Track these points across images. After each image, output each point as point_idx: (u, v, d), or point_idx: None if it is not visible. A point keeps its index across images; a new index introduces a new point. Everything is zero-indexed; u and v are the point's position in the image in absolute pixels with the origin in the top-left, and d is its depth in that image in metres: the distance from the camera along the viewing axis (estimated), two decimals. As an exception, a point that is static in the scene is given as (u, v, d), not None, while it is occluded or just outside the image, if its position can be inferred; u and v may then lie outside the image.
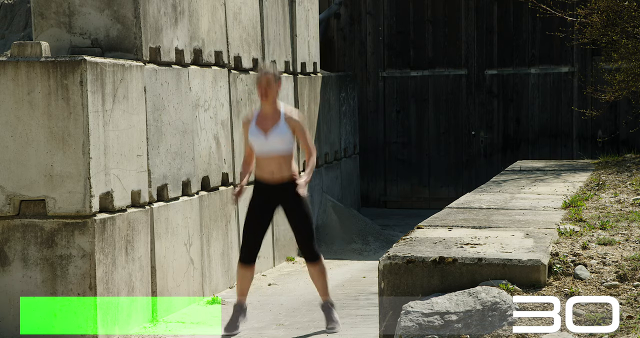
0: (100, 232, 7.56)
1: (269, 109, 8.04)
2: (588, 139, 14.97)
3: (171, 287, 8.67)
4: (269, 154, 7.96)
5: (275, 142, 7.95)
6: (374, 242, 12.61)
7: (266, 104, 8.04)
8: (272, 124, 7.97)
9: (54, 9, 8.34)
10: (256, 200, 8.09)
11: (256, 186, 8.10)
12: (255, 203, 8.09)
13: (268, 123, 7.99)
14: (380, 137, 15.54)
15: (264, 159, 8.00)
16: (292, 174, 8.01)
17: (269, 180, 8.00)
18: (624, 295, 5.43)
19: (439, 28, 15.35)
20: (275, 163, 7.97)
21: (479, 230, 6.47)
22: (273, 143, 7.95)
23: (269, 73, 8.01)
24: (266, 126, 7.98)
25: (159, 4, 8.67)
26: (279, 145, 7.96)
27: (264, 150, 7.98)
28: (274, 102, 8.03)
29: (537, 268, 5.44)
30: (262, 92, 8.00)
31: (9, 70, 7.47)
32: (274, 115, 8.02)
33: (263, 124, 8.00)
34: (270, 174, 7.99)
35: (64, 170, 7.47)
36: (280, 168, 7.98)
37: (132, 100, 8.14)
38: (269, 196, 8.04)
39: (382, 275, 5.56)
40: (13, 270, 7.52)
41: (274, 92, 8.01)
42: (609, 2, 11.60)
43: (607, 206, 7.67)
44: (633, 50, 11.71)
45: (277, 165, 7.97)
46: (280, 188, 8.00)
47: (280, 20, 11.66)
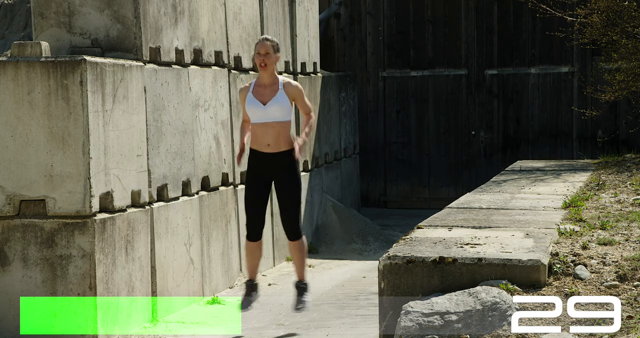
0: (100, 232, 7.56)
1: (268, 79, 7.95)
2: (588, 138, 14.97)
3: (171, 287, 8.66)
4: (266, 124, 7.88)
5: (273, 112, 7.87)
6: (374, 242, 12.60)
7: (264, 73, 7.95)
8: (270, 94, 7.89)
9: (54, 9, 8.33)
10: (252, 174, 8.01)
11: (251, 157, 8.01)
12: (252, 178, 8.02)
13: (266, 93, 7.91)
14: (380, 137, 15.54)
15: (260, 129, 7.90)
16: (289, 145, 7.94)
17: (265, 150, 7.93)
18: (624, 295, 5.42)
19: (439, 28, 15.35)
20: (272, 132, 7.88)
21: (479, 230, 6.47)
22: (272, 112, 7.86)
23: (267, 40, 7.95)
24: (264, 96, 7.90)
25: (159, 4, 8.67)
26: (278, 115, 7.87)
27: (261, 119, 7.89)
28: (272, 71, 7.95)
29: (537, 268, 5.44)
30: (261, 61, 7.93)
31: (9, 70, 7.46)
32: (273, 85, 7.93)
33: (261, 94, 7.91)
34: (266, 145, 7.91)
35: (64, 170, 7.46)
36: (277, 138, 7.89)
37: (132, 100, 8.13)
38: (264, 167, 7.96)
39: (382, 275, 5.55)
40: (13, 270, 7.52)
41: (273, 61, 7.94)
42: (609, 2, 11.60)
43: (607, 206, 7.67)
44: (633, 50, 11.70)
45: (275, 134, 7.88)
46: (275, 159, 7.92)
47: (280, 20, 11.66)
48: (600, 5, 11.71)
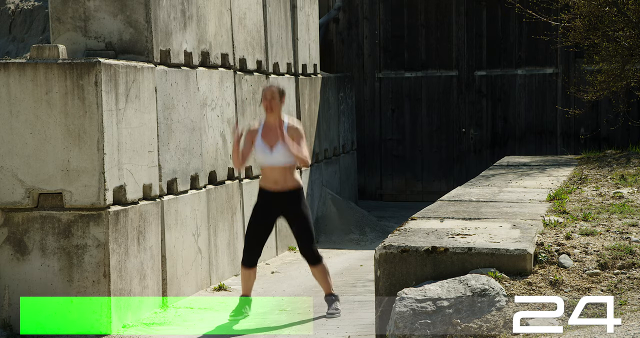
0: (114, 223, 7.56)
1: (274, 121, 8.02)
2: (571, 136, 14.97)
3: (180, 275, 8.67)
4: (273, 166, 7.97)
5: (279, 156, 7.94)
6: (370, 233, 12.61)
7: (271, 116, 8.03)
8: (276, 138, 7.95)
9: (71, 14, 8.33)
10: (260, 206, 8.08)
11: (260, 193, 8.11)
12: (259, 209, 8.08)
13: (273, 137, 7.97)
14: (376, 134, 15.54)
15: (268, 169, 8.01)
16: (295, 183, 8.02)
17: (273, 188, 8.00)
18: (605, 283, 5.43)
19: (431, 32, 15.34)
20: (279, 173, 7.97)
21: (469, 221, 6.47)
22: (278, 156, 7.94)
23: (273, 86, 8.02)
24: (271, 140, 7.97)
25: (169, 9, 8.66)
26: (283, 159, 7.95)
27: (268, 162, 7.98)
28: (278, 114, 8.02)
29: (524, 257, 5.45)
30: (267, 105, 7.99)
31: (28, 72, 7.47)
32: (278, 128, 7.99)
33: (268, 138, 7.98)
34: (274, 183, 7.99)
35: (80, 165, 7.47)
36: (284, 178, 7.98)
37: (143, 100, 8.13)
38: (272, 203, 8.04)
39: (378, 264, 5.56)
40: (32, 258, 7.53)
41: (278, 105, 8.00)
42: (591, 8, 11.59)
43: (589, 199, 7.67)
44: (613, 52, 11.70)
45: (281, 175, 7.97)
46: (283, 197, 8.00)
47: (282, 24, 11.65)
48: (582, 10, 11.70)
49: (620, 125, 13.97)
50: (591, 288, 5.37)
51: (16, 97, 7.47)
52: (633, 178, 8.81)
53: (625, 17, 11.41)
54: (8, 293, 7.53)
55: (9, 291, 7.53)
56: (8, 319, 7.50)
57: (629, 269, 5.54)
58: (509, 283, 5.34)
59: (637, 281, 5.41)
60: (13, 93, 7.47)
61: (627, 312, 5.06)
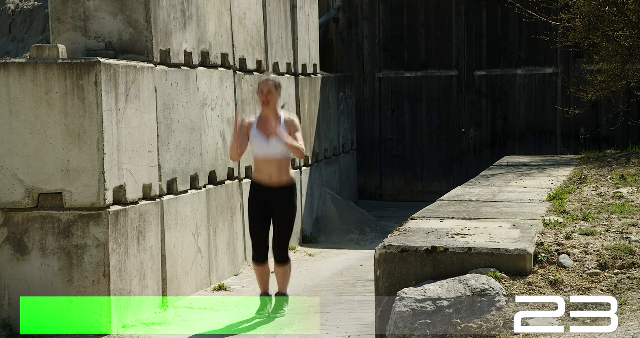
0: (114, 223, 7.54)
1: (270, 115, 8.00)
2: (571, 136, 14.95)
3: (180, 275, 8.65)
4: (269, 157, 7.93)
5: (276, 147, 7.91)
6: (370, 233, 12.59)
7: (267, 110, 8.00)
8: (272, 130, 7.91)
9: (71, 14, 8.31)
10: (255, 201, 8.06)
11: (253, 187, 8.08)
12: (254, 205, 8.06)
13: (270, 128, 7.94)
14: (376, 134, 15.52)
15: (264, 162, 7.97)
16: (290, 179, 8.00)
17: (267, 182, 7.97)
18: (605, 283, 5.41)
19: (431, 32, 15.32)
20: (274, 166, 7.94)
21: (469, 221, 6.45)
22: (274, 147, 7.91)
23: (270, 81, 7.99)
24: (267, 130, 7.94)
25: (169, 9, 8.64)
26: (280, 149, 7.92)
27: (264, 153, 7.94)
28: (274, 108, 8.00)
29: (524, 257, 5.43)
30: (264, 99, 7.97)
31: (28, 72, 7.45)
32: (275, 120, 7.96)
33: (265, 128, 7.96)
34: (269, 177, 7.96)
35: (80, 165, 7.45)
36: (279, 171, 7.96)
37: (143, 100, 8.11)
38: (265, 197, 8.02)
39: (378, 264, 5.54)
40: (32, 258, 7.51)
41: (275, 99, 7.98)
42: (591, 8, 11.58)
43: (589, 199, 7.65)
44: (613, 52, 11.69)
45: (276, 168, 7.95)
46: (276, 191, 7.98)
47: (282, 24, 11.63)
48: (582, 10, 11.68)
49: (620, 125, 13.95)
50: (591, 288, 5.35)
51: (16, 97, 7.45)
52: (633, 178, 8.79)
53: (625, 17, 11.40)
54: (8, 293, 7.51)
55: (9, 291, 7.51)
56: (8, 319, 7.49)
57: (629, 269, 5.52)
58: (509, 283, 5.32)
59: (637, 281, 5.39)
60: (13, 93, 7.45)
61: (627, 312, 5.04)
